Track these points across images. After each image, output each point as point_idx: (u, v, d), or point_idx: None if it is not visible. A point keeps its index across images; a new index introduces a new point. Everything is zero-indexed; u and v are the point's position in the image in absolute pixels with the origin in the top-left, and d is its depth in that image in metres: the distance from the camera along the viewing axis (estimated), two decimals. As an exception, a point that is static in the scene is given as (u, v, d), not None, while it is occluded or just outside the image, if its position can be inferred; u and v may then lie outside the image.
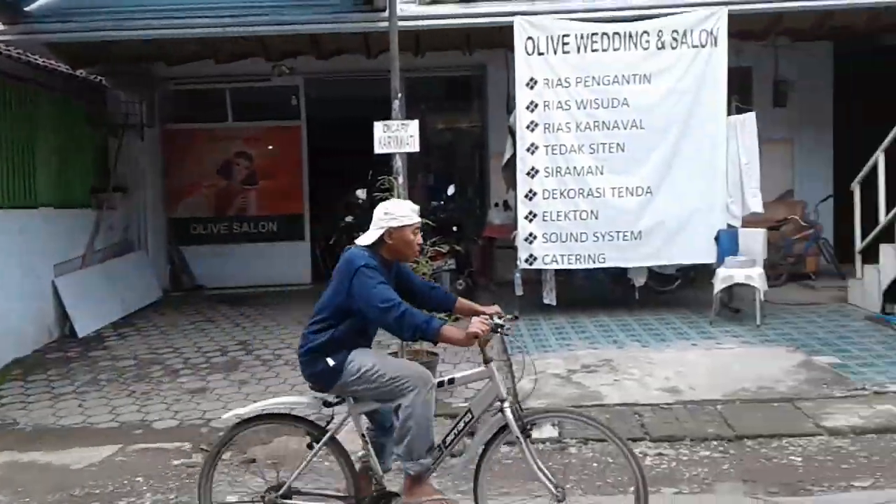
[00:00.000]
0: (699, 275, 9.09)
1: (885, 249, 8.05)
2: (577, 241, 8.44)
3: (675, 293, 9.35)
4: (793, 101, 10.88)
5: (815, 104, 11.00)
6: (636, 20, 8.37)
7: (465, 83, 12.10)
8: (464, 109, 12.66)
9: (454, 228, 9.01)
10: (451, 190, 9.27)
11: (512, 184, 8.81)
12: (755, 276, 7.84)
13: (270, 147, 11.78)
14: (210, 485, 3.74)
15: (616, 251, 8.44)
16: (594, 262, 8.48)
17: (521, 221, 8.46)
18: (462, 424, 3.59)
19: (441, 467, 3.65)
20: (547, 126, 8.38)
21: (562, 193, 8.42)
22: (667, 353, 7.02)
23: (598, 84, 8.32)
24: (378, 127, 6.82)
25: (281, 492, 3.61)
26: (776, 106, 10.71)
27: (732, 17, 8.25)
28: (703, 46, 8.27)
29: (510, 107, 9.01)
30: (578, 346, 7.37)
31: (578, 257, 8.48)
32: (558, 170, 8.41)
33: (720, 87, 8.30)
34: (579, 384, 6.23)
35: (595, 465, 4.84)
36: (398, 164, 6.90)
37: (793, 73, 10.86)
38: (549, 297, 8.75)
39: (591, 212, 8.42)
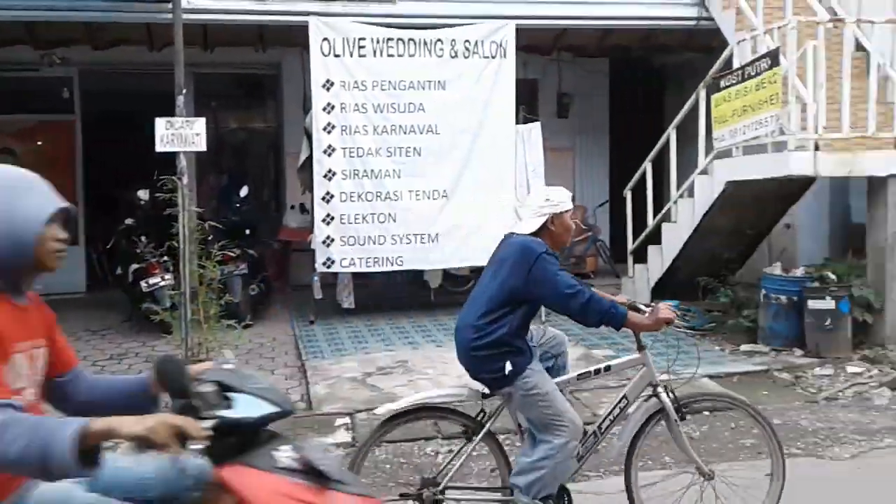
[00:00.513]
0: (491, 276, 9.42)
1: (652, 250, 8.84)
2: (375, 244, 8.44)
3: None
4: (574, 112, 11.66)
5: (594, 116, 11.86)
6: (430, 28, 8.55)
7: (260, 81, 11.76)
8: (258, 108, 12.30)
9: (247, 231, 8.68)
10: (244, 191, 8.94)
11: (308, 186, 8.66)
12: (541, 276, 8.27)
13: (40, 143, 10.71)
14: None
15: (413, 254, 8.54)
16: (392, 264, 8.53)
17: (319, 224, 8.33)
18: (617, 410, 3.57)
19: (595, 451, 3.63)
20: (344, 128, 8.32)
21: (359, 196, 8.39)
22: (460, 353, 7.21)
23: (395, 88, 8.39)
24: (160, 124, 6.40)
25: (441, 486, 3.45)
26: (559, 117, 11.42)
27: (520, 31, 8.66)
28: (493, 57, 8.60)
29: (306, 107, 8.86)
30: (375, 349, 7.38)
31: (376, 260, 8.49)
32: (356, 172, 8.37)
33: (509, 97, 8.68)
34: (374, 386, 6.22)
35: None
36: (182, 163, 6.52)
37: (575, 87, 11.63)
38: (348, 301, 8.70)
39: (389, 215, 8.47)
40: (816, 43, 6.64)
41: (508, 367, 3.35)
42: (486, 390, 3.51)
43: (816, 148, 6.66)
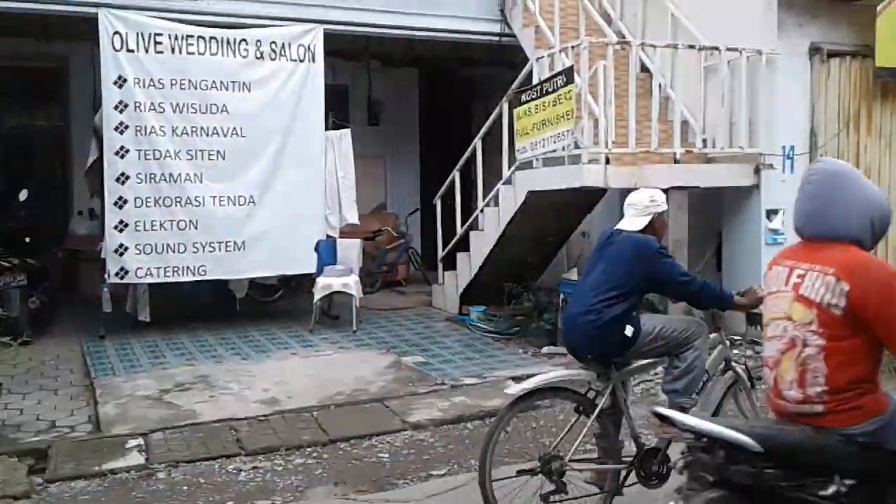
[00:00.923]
0: (301, 284, 9.23)
1: (461, 257, 9.05)
2: (174, 252, 7.97)
3: (278, 303, 9.39)
4: (385, 120, 11.72)
5: (405, 125, 12.00)
6: (236, 28, 8.23)
7: (44, 76, 10.75)
8: (42, 105, 11.24)
9: (27, 239, 7.86)
10: (23, 195, 8.09)
11: (96, 190, 8.02)
12: (352, 283, 8.22)
13: None
14: (492, 457, 3.70)
15: (218, 263, 8.16)
16: (194, 274, 8.09)
17: (110, 231, 7.72)
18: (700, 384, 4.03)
19: None
20: (139, 129, 7.78)
21: (157, 201, 7.89)
22: (267, 365, 6.96)
23: (196, 88, 7.99)
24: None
25: (566, 459, 3.67)
26: (370, 124, 11.44)
27: (329, 36, 8.56)
28: (301, 61, 8.42)
29: (96, 105, 8.20)
30: (173, 365, 6.95)
31: (176, 270, 8.01)
32: (153, 176, 7.86)
33: (318, 102, 8.54)
34: (172, 404, 5.83)
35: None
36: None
37: (385, 95, 11.70)
38: (143, 314, 8.14)
39: (191, 221, 8.03)
40: (606, 63, 7.10)
41: (629, 330, 3.81)
42: (595, 374, 3.89)
43: (607, 161, 7.10)
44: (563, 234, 8.85)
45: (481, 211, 8.93)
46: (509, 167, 8.32)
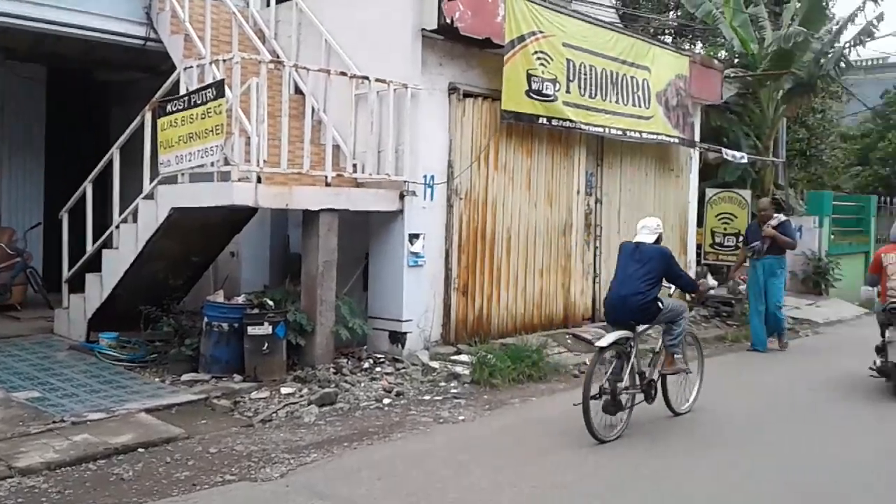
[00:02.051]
0: None
1: (90, 279, 8.10)
2: None
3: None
4: (4, 123, 10.17)
5: (28, 128, 10.53)
6: None
7: None
8: None
9: None
10: None
11: None
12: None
13: None
14: (590, 384, 5.70)
15: None
16: None
17: None
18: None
19: None
20: None
21: None
22: None
23: None
24: None
25: (623, 384, 5.90)
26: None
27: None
28: None
29: None
30: None
31: None
32: None
33: None
34: None
35: None
36: None
37: (5, 93, 10.16)
38: None
39: None
40: (259, 80, 6.93)
41: (660, 303, 6.17)
42: (630, 333, 6.06)
43: (259, 180, 6.91)
44: (210, 254, 8.40)
45: (117, 227, 8.11)
46: (151, 181, 7.68)
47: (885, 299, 7.87)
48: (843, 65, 14.71)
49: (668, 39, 18.44)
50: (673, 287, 6.56)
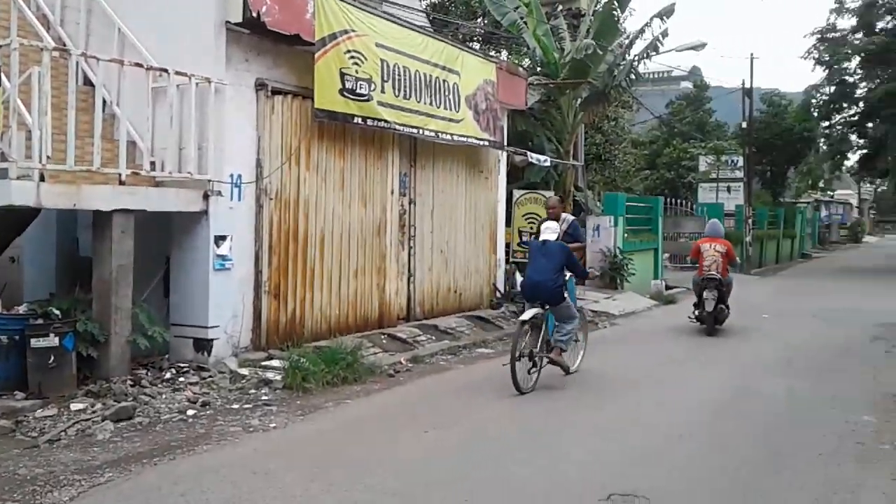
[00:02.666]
0: None
1: None
2: None
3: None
4: None
5: None
6: None
7: None
8: None
9: None
10: None
11: None
12: None
13: None
14: (515, 351, 7.35)
15: None
16: None
17: None
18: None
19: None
20: None
21: None
22: None
23: None
24: None
25: (538, 349, 7.58)
26: None
27: None
28: None
29: None
30: None
31: None
32: None
33: None
34: None
35: None
36: None
37: None
38: None
39: None
40: (42, 69, 6.31)
41: (566, 295, 7.76)
42: (542, 310, 7.67)
43: (42, 178, 6.30)
44: (-15, 261, 7.57)
45: None
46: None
47: (703, 273, 11.86)
48: (633, 76, 15.90)
49: (476, 46, 19.04)
50: (569, 274, 8.19)
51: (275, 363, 7.71)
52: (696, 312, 11.90)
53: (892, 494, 4.82)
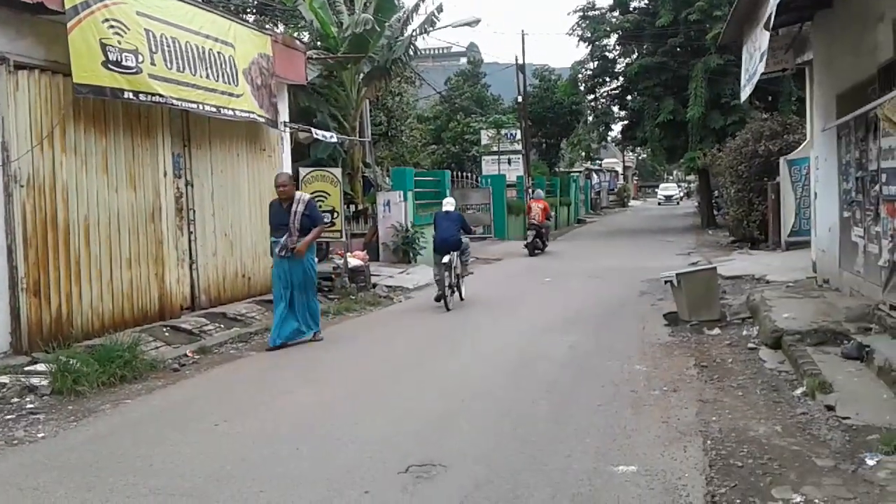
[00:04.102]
0: None
1: None
2: None
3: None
4: None
5: None
6: None
7: None
8: None
9: None
10: None
11: None
12: None
13: None
14: (443, 284, 11.45)
15: None
16: None
17: None
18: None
19: None
20: None
21: None
22: None
23: None
24: None
25: (451, 280, 11.65)
26: None
27: None
28: None
29: None
30: None
31: None
32: None
33: None
34: None
35: None
36: None
37: None
38: None
39: None
40: None
41: (463, 241, 12.06)
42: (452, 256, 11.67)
43: None
44: None
45: None
46: None
47: (531, 221, 20.44)
48: (412, 51, 16.07)
49: (251, 19, 18.29)
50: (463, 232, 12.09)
51: (40, 367, 6.94)
52: (525, 244, 20.65)
53: (664, 436, 5.24)
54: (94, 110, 8.34)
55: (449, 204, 12.34)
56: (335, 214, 12.83)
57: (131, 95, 8.38)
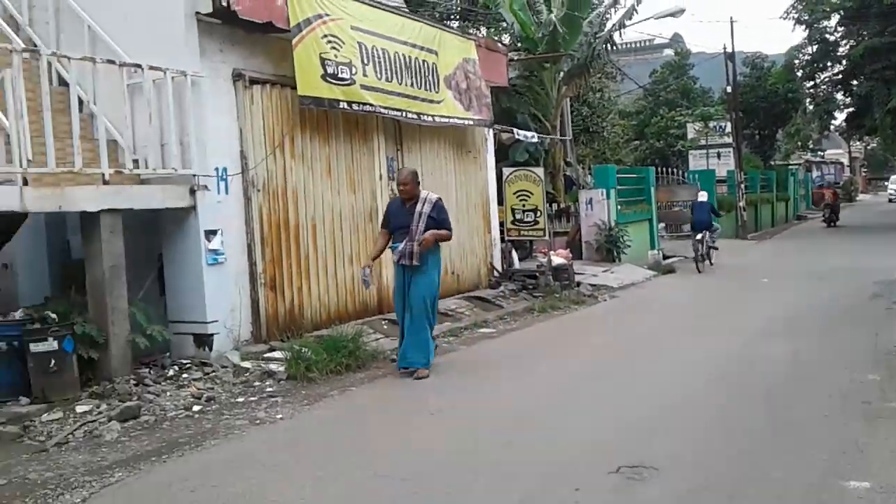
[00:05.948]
0: None
1: None
2: None
3: None
4: None
5: None
6: None
7: None
8: None
9: None
10: None
11: None
12: None
13: None
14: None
15: None
16: None
17: None
18: None
19: None
20: None
21: None
22: None
23: None
24: None
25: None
26: None
27: None
28: None
29: None
30: None
31: None
32: None
33: None
34: None
35: None
36: None
37: None
38: None
39: None
40: (13, 71, 6.18)
41: (714, 225, 16.21)
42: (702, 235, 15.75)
43: (25, 182, 6.19)
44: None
45: None
46: None
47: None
48: (611, 46, 15.79)
49: (455, 24, 18.88)
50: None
51: (277, 354, 7.64)
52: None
53: (903, 447, 4.79)
54: (317, 119, 9.04)
55: (703, 196, 16.89)
56: (538, 213, 12.92)
57: (345, 105, 8.99)
